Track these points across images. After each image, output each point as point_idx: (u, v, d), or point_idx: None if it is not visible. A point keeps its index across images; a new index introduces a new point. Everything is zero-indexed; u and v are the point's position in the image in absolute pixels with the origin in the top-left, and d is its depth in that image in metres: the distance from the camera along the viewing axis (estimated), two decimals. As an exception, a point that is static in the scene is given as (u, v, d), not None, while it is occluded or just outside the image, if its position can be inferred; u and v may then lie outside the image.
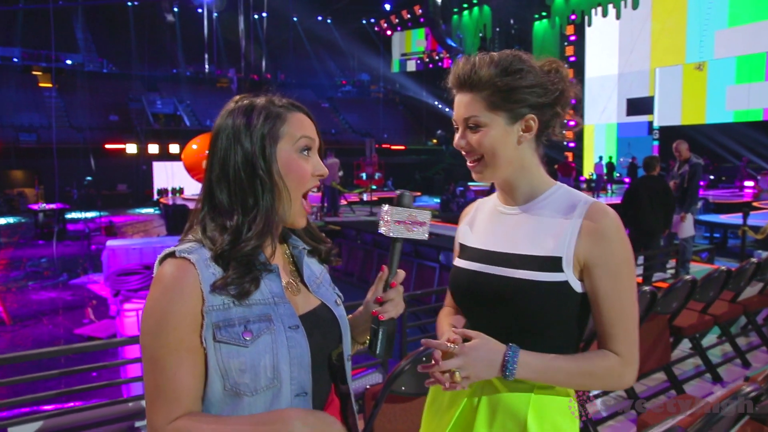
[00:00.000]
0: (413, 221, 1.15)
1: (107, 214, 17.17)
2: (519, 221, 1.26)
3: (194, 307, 0.97)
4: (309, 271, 1.17)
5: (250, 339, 0.98)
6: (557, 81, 1.22)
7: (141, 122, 25.63)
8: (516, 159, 1.23)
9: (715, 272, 3.85)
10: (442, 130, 31.76)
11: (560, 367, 1.14)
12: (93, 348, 3.45)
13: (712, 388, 3.93)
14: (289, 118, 1.08)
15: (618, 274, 1.15)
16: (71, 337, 7.49)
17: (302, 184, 1.08)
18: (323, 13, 34.57)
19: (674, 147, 7.02)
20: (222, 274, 0.99)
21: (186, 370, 0.97)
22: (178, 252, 0.99)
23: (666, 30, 23.43)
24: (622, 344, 1.15)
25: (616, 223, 1.16)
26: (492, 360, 1.12)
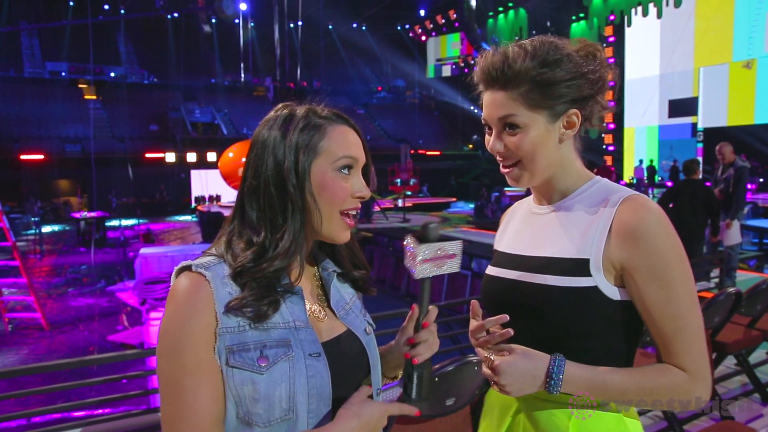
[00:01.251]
0: (443, 256, 1.02)
1: (146, 221, 17.58)
2: (549, 221, 1.13)
3: (209, 325, 0.89)
4: (338, 295, 1.07)
5: (266, 366, 0.89)
6: (597, 68, 1.08)
7: (180, 131, 26.24)
8: (556, 159, 1.09)
9: (762, 283, 3.56)
10: (477, 135, 31.44)
11: (613, 382, 1.00)
12: (119, 358, 3.45)
13: (761, 410, 3.64)
14: (330, 131, 0.99)
15: (666, 277, 0.98)
16: (104, 343, 7.62)
17: (337, 204, 0.98)
18: (358, 19, 34.76)
19: (717, 150, 6.68)
20: (238, 291, 0.91)
21: (207, 393, 0.89)
22: (194, 266, 0.92)
23: (711, 28, 22.54)
24: (686, 358, 1.00)
25: (656, 217, 1.00)
26: (535, 373, 1.00)
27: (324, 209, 0.97)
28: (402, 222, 14.88)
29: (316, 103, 1.03)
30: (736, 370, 4.00)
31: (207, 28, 29.65)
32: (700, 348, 1.00)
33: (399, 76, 38.43)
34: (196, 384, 0.88)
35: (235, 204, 1.01)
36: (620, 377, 1.00)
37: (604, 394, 1.01)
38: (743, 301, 3.41)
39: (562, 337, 1.04)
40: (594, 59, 1.08)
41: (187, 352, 0.88)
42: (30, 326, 8.38)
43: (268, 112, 1.03)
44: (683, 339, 0.99)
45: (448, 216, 17.85)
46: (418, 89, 37.64)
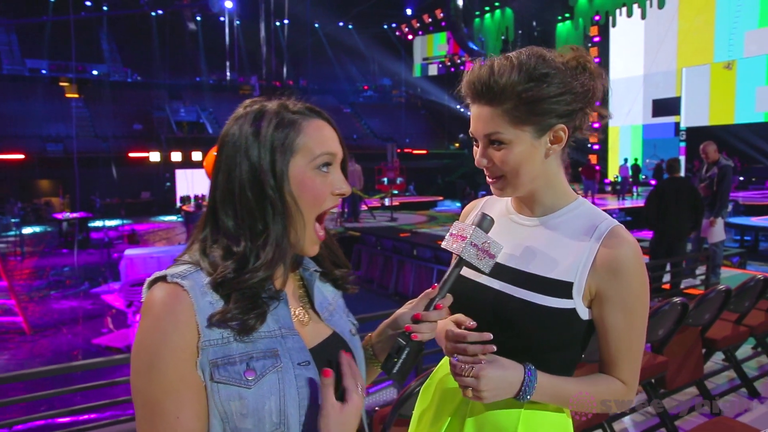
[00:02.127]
0: (486, 250, 1.04)
1: (131, 222, 17.36)
2: (532, 235, 1.14)
3: (191, 339, 0.83)
4: (321, 296, 1.03)
5: (254, 379, 0.84)
6: (586, 80, 1.07)
7: (164, 130, 25.96)
8: (541, 173, 1.10)
9: (750, 281, 3.61)
10: (464, 133, 31.51)
11: (571, 391, 1.07)
12: (104, 364, 3.36)
13: (749, 404, 3.69)
14: (306, 127, 0.93)
15: (632, 309, 1.06)
16: (89, 346, 7.49)
17: (318, 205, 0.93)
18: (344, 18, 34.67)
19: (701, 148, 6.76)
20: (221, 303, 0.85)
21: (190, 413, 0.83)
22: (170, 276, 0.85)
23: (694, 29, 22.84)
24: (627, 373, 1.10)
25: (634, 253, 1.05)
26: (511, 380, 1.03)
27: (306, 211, 0.91)
28: (389, 221, 14.86)
29: (287, 98, 0.98)
30: (724, 366, 4.05)
31: (192, 26, 29.30)
32: (638, 365, 1.12)
33: (385, 75, 38.41)
34: (179, 404, 0.82)
35: (207, 209, 0.94)
36: (578, 387, 1.07)
37: (563, 401, 1.08)
38: (732, 298, 3.45)
39: (531, 349, 1.08)
40: (583, 71, 1.08)
41: (168, 370, 0.82)
42: (11, 330, 8.20)
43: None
44: (629, 359, 1.09)
45: (436, 215, 17.86)
46: (404, 88, 37.64)
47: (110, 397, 3.11)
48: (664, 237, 6.46)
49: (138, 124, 26.81)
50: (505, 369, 1.03)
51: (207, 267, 0.87)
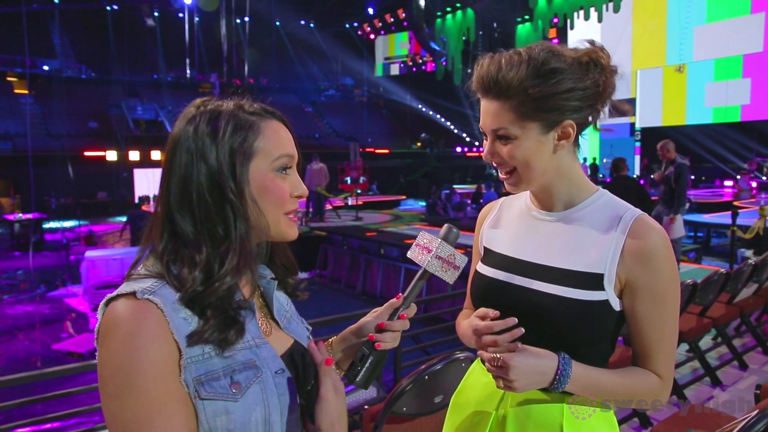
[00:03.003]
0: (451, 262, 1.04)
1: (87, 223, 16.81)
2: (556, 230, 1.14)
3: (170, 353, 0.79)
4: (278, 304, 1.02)
5: (239, 392, 0.82)
6: (597, 76, 1.07)
7: (121, 128, 25.21)
8: (552, 167, 1.11)
9: (714, 275, 3.77)
10: (426, 133, 31.73)
11: (606, 383, 1.07)
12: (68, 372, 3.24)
13: (711, 392, 3.86)
14: (264, 129, 0.91)
15: (664, 298, 1.06)
16: (49, 352, 7.24)
17: (280, 207, 0.92)
18: (306, 17, 34.42)
19: (659, 147, 7.00)
20: (195, 318, 0.82)
21: (181, 425, 0.78)
22: (139, 293, 0.79)
23: (647, 32, 23.65)
24: (662, 366, 1.09)
25: (664, 242, 1.06)
26: (544, 370, 1.03)
27: (269, 213, 0.90)
28: (355, 220, 14.85)
29: (240, 98, 0.95)
30: (688, 357, 4.22)
31: (150, 22, 28.53)
32: (673, 359, 1.12)
33: (347, 74, 38.33)
34: (168, 419, 0.77)
35: (161, 217, 0.88)
36: (613, 379, 1.06)
37: (597, 393, 1.07)
38: (698, 292, 3.60)
39: (564, 345, 1.07)
40: (595, 66, 1.07)
41: (150, 386, 0.76)
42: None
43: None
44: (663, 350, 1.08)
45: (400, 214, 17.94)
46: (366, 87, 37.63)
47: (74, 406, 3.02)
48: None
49: (93, 122, 25.94)
50: (538, 357, 1.03)
51: (173, 281, 0.83)
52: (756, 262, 4.23)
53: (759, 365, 4.35)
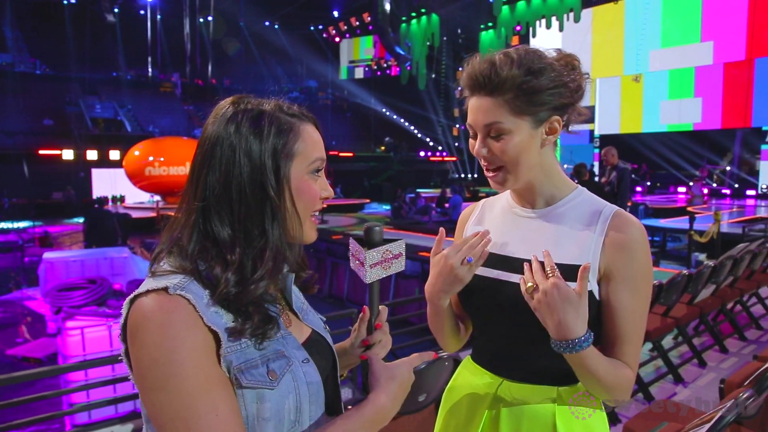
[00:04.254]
0: (390, 257, 1.05)
1: (42, 224, 16.24)
2: (539, 226, 1.18)
3: (207, 340, 0.80)
4: (295, 297, 1.05)
5: (276, 380, 0.85)
6: (576, 77, 1.14)
7: (79, 127, 24.45)
8: (538, 164, 1.15)
9: (677, 276, 3.93)
10: (390, 137, 31.89)
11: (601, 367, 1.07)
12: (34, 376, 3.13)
13: (674, 389, 4.01)
14: (302, 132, 0.93)
15: (638, 288, 1.10)
16: (3, 358, 6.96)
17: (311, 208, 0.95)
18: (271, 18, 34.15)
19: (602, 153, 7.32)
20: (227, 314, 0.83)
21: (226, 408, 0.79)
22: (171, 288, 0.80)
23: (606, 42, 24.39)
24: (631, 357, 1.11)
25: (642, 235, 1.11)
26: (579, 312, 1.04)
27: (302, 214, 0.93)
28: (320, 223, 14.80)
29: (276, 98, 0.98)
30: (652, 356, 4.37)
31: (110, 18, 27.75)
32: (639, 351, 1.14)
33: (312, 76, 38.18)
34: (212, 402, 0.78)
35: (188, 214, 0.89)
36: (607, 367, 1.07)
37: (591, 375, 1.07)
38: (663, 293, 3.74)
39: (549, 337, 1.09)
40: (573, 69, 1.14)
41: (191, 373, 0.77)
42: None
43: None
44: (634, 341, 1.11)
45: (365, 217, 17.97)
46: (330, 90, 37.60)
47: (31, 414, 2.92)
48: None
49: (49, 120, 25.10)
50: (582, 301, 1.05)
51: (202, 279, 0.84)
52: (715, 263, 4.43)
53: (717, 362, 4.54)
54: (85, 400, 4.25)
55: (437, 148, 34.09)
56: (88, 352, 4.56)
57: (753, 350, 4.71)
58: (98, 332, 4.58)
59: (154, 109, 28.29)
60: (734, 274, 4.81)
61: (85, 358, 4.44)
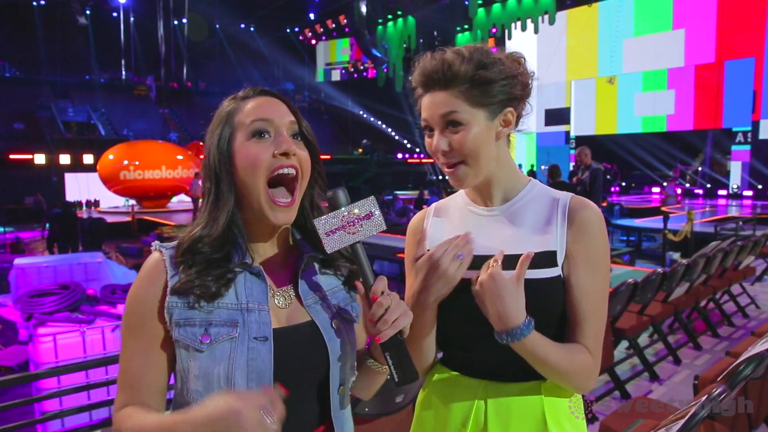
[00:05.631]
0: (352, 220, 0.98)
1: (13, 229, 15.87)
2: (501, 221, 1.19)
3: (157, 294, 0.94)
4: (311, 283, 1.04)
5: (207, 343, 0.91)
6: (524, 73, 1.17)
7: (51, 131, 23.97)
8: (495, 157, 1.17)
9: (652, 275, 3.99)
10: (367, 139, 31.87)
11: (551, 355, 1.07)
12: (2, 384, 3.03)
13: (650, 386, 4.06)
14: (245, 105, 1.02)
15: (597, 268, 1.13)
16: (-26, 366, 6.76)
17: (257, 169, 0.96)
18: (246, 20, 33.91)
19: (576, 153, 7.43)
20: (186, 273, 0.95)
21: (143, 357, 0.94)
22: (159, 245, 0.99)
23: (580, 45, 24.75)
24: (592, 339, 1.12)
25: (597, 216, 1.15)
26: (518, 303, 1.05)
27: (248, 181, 0.97)
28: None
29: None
30: (628, 354, 4.43)
31: (82, 20, 27.26)
32: (602, 336, 1.14)
33: (288, 79, 38.01)
34: (135, 347, 0.95)
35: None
36: (558, 353, 1.07)
37: (543, 362, 1.07)
38: (638, 291, 3.79)
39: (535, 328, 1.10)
40: (519, 65, 1.17)
41: (132, 315, 0.95)
42: None
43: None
44: (594, 322, 1.12)
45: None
46: (307, 93, 37.46)
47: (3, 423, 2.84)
48: None
49: (19, 123, 24.55)
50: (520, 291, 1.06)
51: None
52: (688, 262, 4.51)
53: (691, 359, 4.62)
54: (58, 408, 4.14)
55: (414, 150, 34.17)
56: (60, 359, 4.44)
57: (726, 347, 4.80)
58: (71, 338, 4.46)
59: (128, 112, 27.87)
60: (707, 272, 4.91)
61: (57, 365, 4.33)
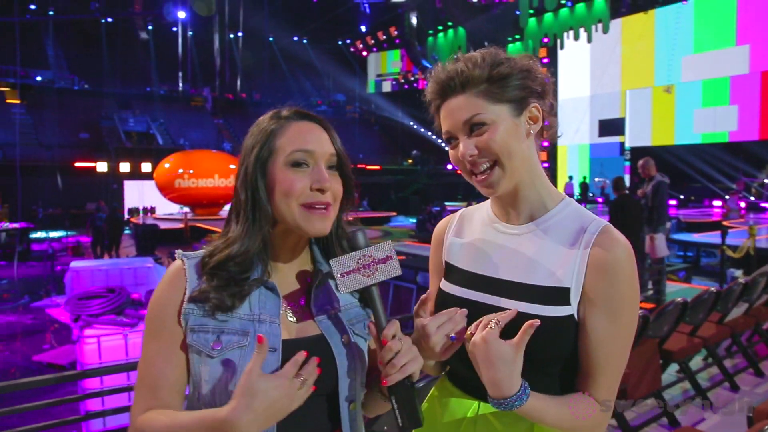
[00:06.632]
0: (368, 263, 0.98)
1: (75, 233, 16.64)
2: (521, 244, 1.10)
3: (177, 300, 0.97)
4: (324, 299, 1.06)
5: (218, 350, 0.94)
6: (538, 69, 1.11)
7: (113, 140, 25.12)
8: (527, 158, 1.08)
9: (704, 293, 3.75)
10: (417, 150, 31.85)
11: (552, 413, 1.01)
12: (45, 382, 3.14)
13: (703, 414, 3.81)
14: (287, 129, 1.02)
15: (618, 313, 1.01)
16: (29, 364, 7.08)
17: (290, 197, 0.99)
18: (299, 33, 34.64)
19: (640, 165, 6.99)
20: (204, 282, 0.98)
21: (164, 358, 0.96)
22: (182, 254, 1.02)
23: (636, 53, 23.98)
24: (604, 390, 1.04)
25: (626, 255, 1.02)
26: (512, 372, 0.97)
27: (281, 204, 0.99)
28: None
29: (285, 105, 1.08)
30: (679, 377, 4.18)
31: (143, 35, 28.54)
32: (616, 386, 1.06)
33: (339, 90, 38.48)
34: (156, 349, 0.96)
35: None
36: (558, 415, 1.01)
37: (538, 421, 1.02)
38: (688, 311, 3.57)
39: (534, 362, 1.02)
40: (532, 61, 1.11)
41: (153, 318, 0.98)
42: (-58, 347, 7.69)
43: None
44: (608, 373, 1.03)
45: (390, 230, 17.91)
46: (358, 104, 37.80)
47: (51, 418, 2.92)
48: None
49: (85, 133, 25.85)
50: (517, 360, 0.97)
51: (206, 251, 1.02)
52: (746, 281, 4.22)
53: (751, 387, 4.32)
54: (100, 408, 4.27)
55: (465, 161, 33.88)
56: (104, 360, 4.57)
57: (790, 374, 4.47)
58: (114, 341, 4.60)
59: (185, 122, 28.89)
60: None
61: (101, 366, 4.46)
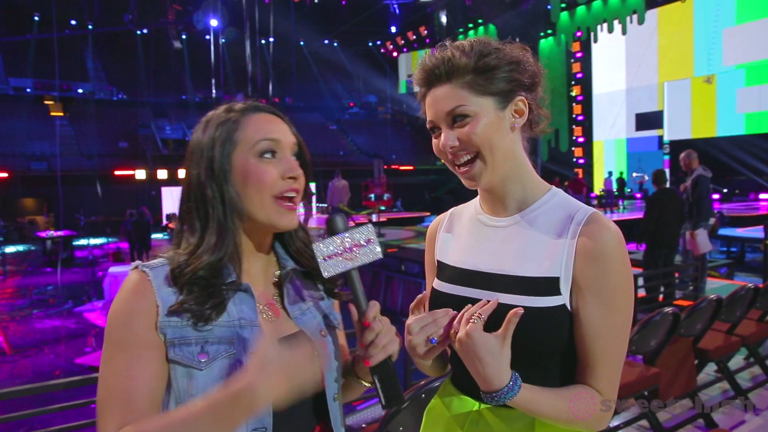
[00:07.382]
0: (349, 246, 0.99)
1: (116, 240, 17.12)
2: (508, 235, 1.08)
3: (149, 309, 0.91)
4: (295, 294, 1.06)
5: (206, 361, 0.90)
6: (530, 60, 1.07)
7: (150, 148, 25.79)
8: (511, 152, 1.06)
9: (741, 290, 3.61)
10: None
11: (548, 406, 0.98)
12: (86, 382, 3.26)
13: (743, 416, 3.66)
14: (246, 121, 1.00)
15: (611, 301, 0.98)
16: (72, 366, 7.32)
17: (266, 189, 0.98)
18: (329, 36, 34.88)
19: (682, 158, 6.74)
20: (179, 294, 0.92)
21: (141, 367, 0.89)
22: (141, 265, 0.95)
23: (673, 44, 23.28)
24: (604, 381, 1.01)
25: (615, 240, 0.99)
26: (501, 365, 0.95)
27: (253, 197, 0.97)
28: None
29: (236, 100, 1.06)
30: (717, 377, 4.03)
31: (177, 44, 29.22)
32: (618, 377, 1.03)
33: (371, 91, 38.57)
34: (129, 359, 0.88)
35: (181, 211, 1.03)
36: (554, 406, 0.99)
37: (535, 414, 1.00)
38: (723, 308, 3.44)
39: (527, 356, 1.00)
40: (524, 51, 1.08)
41: (119, 329, 0.89)
42: (-9, 351, 8.02)
43: None
44: (607, 363, 1.00)
45: (423, 230, 17.83)
46: (390, 105, 37.80)
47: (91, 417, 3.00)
48: (660, 248, 6.41)
49: (123, 142, 26.62)
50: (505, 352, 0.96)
51: (171, 260, 0.95)
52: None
53: (795, 386, 4.13)
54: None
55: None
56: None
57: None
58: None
59: (220, 128, 29.43)
60: (813, 288, 4.38)
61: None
